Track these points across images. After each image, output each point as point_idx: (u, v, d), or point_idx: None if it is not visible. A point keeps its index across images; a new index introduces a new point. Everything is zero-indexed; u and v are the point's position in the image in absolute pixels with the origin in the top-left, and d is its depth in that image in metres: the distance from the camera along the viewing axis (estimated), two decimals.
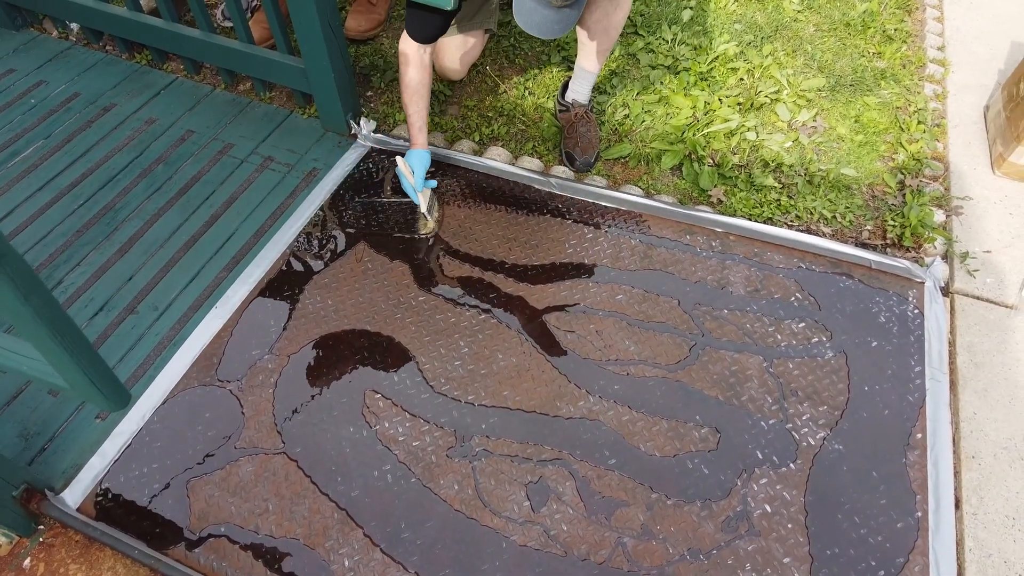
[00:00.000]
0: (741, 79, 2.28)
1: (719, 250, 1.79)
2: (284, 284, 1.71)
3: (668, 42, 2.39)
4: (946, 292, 1.71)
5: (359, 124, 2.07)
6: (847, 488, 1.37)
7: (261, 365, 1.56)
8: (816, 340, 1.60)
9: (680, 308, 1.67)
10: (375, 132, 2.09)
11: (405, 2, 1.65)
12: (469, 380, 1.53)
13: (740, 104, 2.19)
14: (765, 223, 1.85)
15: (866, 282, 1.72)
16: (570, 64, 2.31)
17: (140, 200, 1.91)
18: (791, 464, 1.41)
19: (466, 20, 1.97)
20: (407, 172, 1.78)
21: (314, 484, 1.37)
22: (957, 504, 1.36)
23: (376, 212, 1.88)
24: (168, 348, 1.59)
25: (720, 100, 2.19)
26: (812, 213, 1.90)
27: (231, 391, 1.52)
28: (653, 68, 2.30)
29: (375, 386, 1.52)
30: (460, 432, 1.45)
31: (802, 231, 1.84)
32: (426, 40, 1.69)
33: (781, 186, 1.97)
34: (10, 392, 1.50)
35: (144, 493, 1.37)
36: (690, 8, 2.52)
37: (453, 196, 1.93)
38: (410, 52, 1.72)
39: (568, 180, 1.96)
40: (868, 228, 1.88)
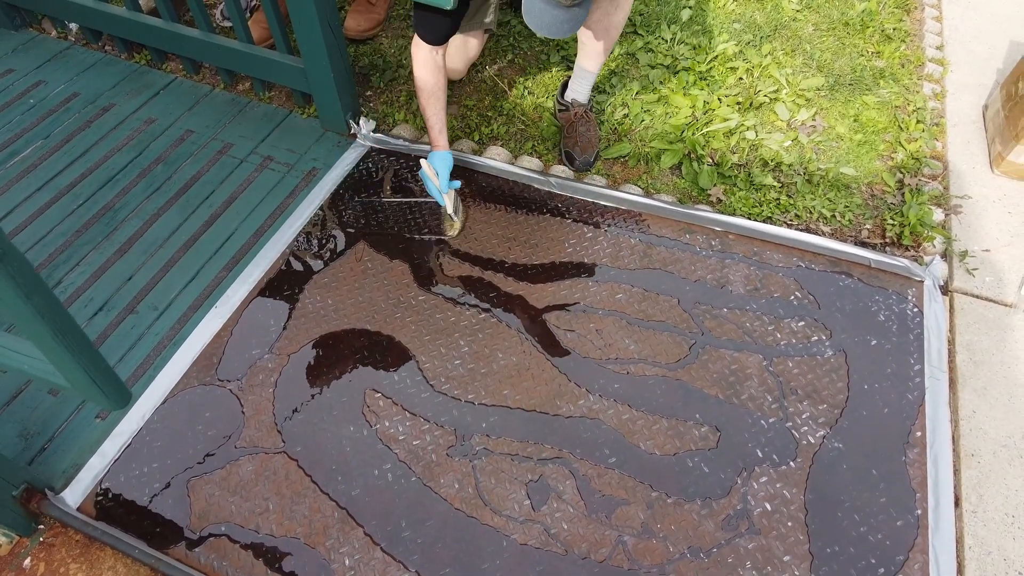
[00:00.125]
0: (740, 78, 2.29)
1: (718, 249, 1.80)
2: (284, 283, 1.71)
3: (667, 41, 2.39)
4: (945, 291, 1.71)
5: (358, 124, 2.07)
6: (847, 486, 1.37)
7: (261, 364, 1.56)
8: (816, 339, 1.61)
9: (680, 307, 1.67)
10: (374, 132, 2.09)
11: (413, 6, 1.65)
12: (469, 379, 1.53)
13: (739, 103, 2.20)
14: (764, 222, 1.85)
15: (865, 281, 1.73)
16: (569, 63, 2.31)
17: (139, 200, 1.91)
18: (791, 462, 1.41)
19: (466, 20, 1.97)
20: (431, 174, 1.77)
21: (314, 483, 1.37)
22: (957, 502, 1.37)
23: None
24: (168, 348, 1.59)
25: (719, 99, 2.20)
26: (811, 212, 1.90)
27: (231, 390, 1.52)
28: (652, 67, 2.31)
29: (375, 385, 1.52)
30: (460, 431, 1.45)
31: (801, 230, 1.84)
32: (437, 42, 1.69)
33: (780, 185, 1.97)
34: (10, 392, 1.50)
35: (144, 492, 1.37)
36: (689, 7, 2.52)
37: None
38: (422, 55, 1.72)
39: (568, 179, 1.96)
40: (867, 227, 1.88)
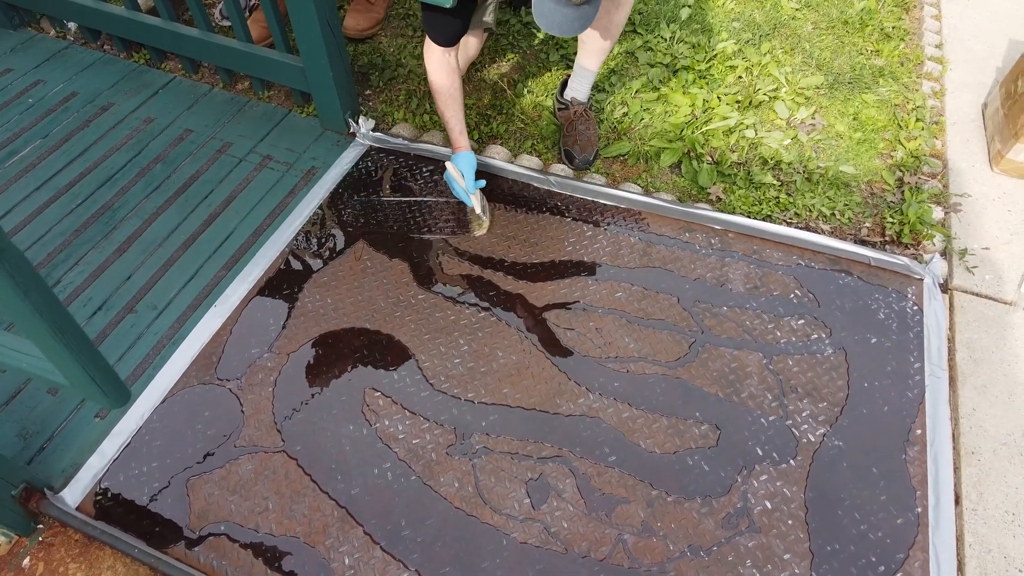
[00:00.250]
0: (740, 77, 2.29)
1: (718, 247, 1.80)
2: (283, 283, 1.71)
3: (667, 40, 2.39)
4: (945, 289, 1.71)
5: (358, 123, 2.06)
6: (847, 484, 1.37)
7: (260, 364, 1.56)
8: (815, 337, 1.61)
9: (679, 305, 1.67)
10: (374, 131, 2.09)
11: (420, 9, 1.64)
12: (469, 378, 1.53)
13: (739, 102, 2.20)
14: (764, 220, 1.85)
15: (865, 279, 1.73)
16: (568, 62, 2.31)
17: (138, 199, 1.90)
18: (791, 460, 1.41)
19: None
20: (457, 176, 1.77)
21: (314, 482, 1.37)
22: (957, 500, 1.37)
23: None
24: (167, 347, 1.59)
25: (719, 98, 2.20)
26: (811, 210, 1.90)
27: (231, 390, 1.51)
28: (652, 66, 2.31)
29: (375, 384, 1.52)
30: (460, 430, 1.45)
31: (801, 228, 1.84)
32: (449, 43, 1.69)
33: (780, 183, 1.97)
34: (9, 391, 1.50)
35: (144, 492, 1.37)
36: (688, 6, 2.52)
37: (452, 194, 1.92)
38: (435, 58, 1.72)
39: (567, 178, 1.96)
40: (867, 225, 1.88)
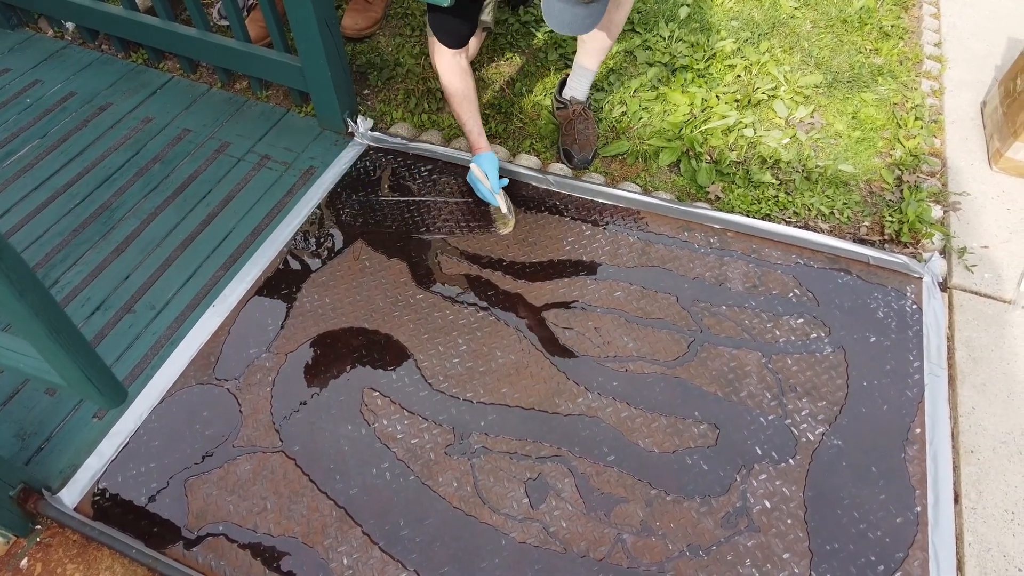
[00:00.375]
0: (738, 76, 2.28)
1: (717, 246, 1.79)
2: (282, 282, 1.71)
3: (665, 39, 2.39)
4: (944, 287, 1.71)
5: (356, 122, 2.06)
6: (846, 483, 1.37)
7: (259, 364, 1.55)
8: (815, 336, 1.60)
9: (678, 304, 1.67)
10: (372, 130, 2.08)
11: (427, 12, 1.64)
12: (468, 377, 1.53)
13: (738, 101, 2.19)
14: (763, 219, 1.85)
15: (864, 278, 1.72)
16: (567, 61, 2.30)
17: (137, 199, 1.90)
18: (790, 460, 1.41)
19: None
20: (481, 176, 1.77)
21: (312, 482, 1.37)
22: (956, 499, 1.36)
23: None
24: (165, 347, 1.59)
25: (717, 97, 2.19)
26: (810, 209, 1.90)
27: (229, 390, 1.51)
28: (650, 65, 2.30)
29: (373, 384, 1.52)
30: (459, 429, 1.45)
31: (800, 227, 1.84)
32: (458, 44, 1.70)
33: (779, 182, 1.97)
34: (6, 392, 1.50)
35: (142, 492, 1.36)
36: (687, 5, 2.52)
37: (451, 194, 1.92)
38: (446, 61, 1.72)
39: (566, 177, 1.95)
40: (866, 224, 1.88)
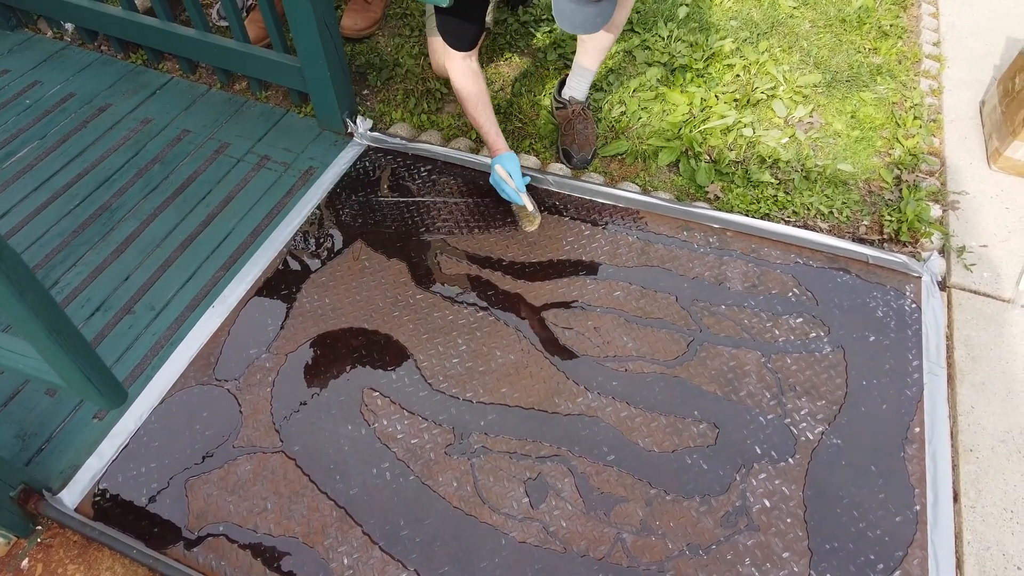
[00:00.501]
0: (737, 75, 2.29)
1: (716, 246, 1.80)
2: (281, 283, 1.71)
3: (664, 39, 2.39)
4: (943, 286, 1.71)
5: (355, 123, 2.06)
6: (846, 482, 1.37)
7: (259, 364, 1.55)
8: (814, 335, 1.61)
9: (678, 304, 1.67)
10: (371, 130, 2.08)
11: (435, 13, 1.64)
12: (467, 377, 1.53)
13: (736, 100, 2.20)
14: (762, 219, 1.85)
15: (863, 277, 1.73)
16: (566, 61, 2.31)
17: (136, 200, 1.90)
18: (790, 459, 1.41)
19: None
20: (506, 177, 1.77)
21: (312, 482, 1.37)
22: (955, 497, 1.37)
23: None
24: (165, 348, 1.59)
25: (716, 96, 2.20)
26: (809, 209, 1.90)
27: (229, 390, 1.51)
28: (650, 65, 2.30)
29: (373, 384, 1.52)
30: (459, 429, 1.45)
31: (799, 227, 1.84)
32: (468, 47, 1.70)
33: (778, 182, 1.97)
34: (7, 393, 1.50)
35: (142, 493, 1.37)
36: (686, 5, 2.52)
37: (451, 194, 1.93)
38: (457, 65, 1.72)
39: (565, 177, 1.96)
40: (865, 223, 1.88)
